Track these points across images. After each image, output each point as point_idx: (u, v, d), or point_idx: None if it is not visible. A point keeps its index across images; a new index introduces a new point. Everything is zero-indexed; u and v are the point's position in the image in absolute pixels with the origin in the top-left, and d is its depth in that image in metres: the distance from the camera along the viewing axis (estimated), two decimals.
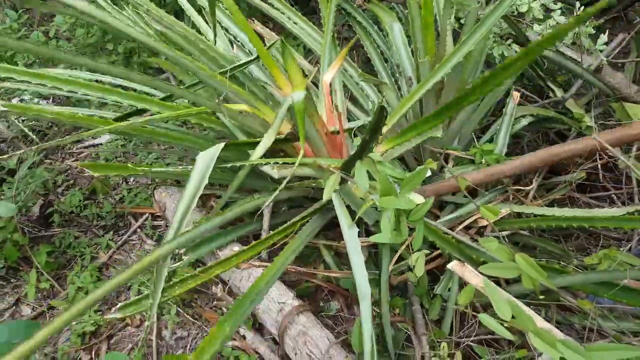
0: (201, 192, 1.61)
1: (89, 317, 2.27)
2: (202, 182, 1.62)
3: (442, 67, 1.93)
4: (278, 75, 1.98)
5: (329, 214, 2.07)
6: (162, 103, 2.05)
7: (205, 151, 1.67)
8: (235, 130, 2.12)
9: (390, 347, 1.84)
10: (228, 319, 1.51)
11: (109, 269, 2.57)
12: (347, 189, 1.89)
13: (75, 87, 1.96)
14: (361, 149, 1.51)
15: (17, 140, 3.32)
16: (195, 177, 1.62)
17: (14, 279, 2.55)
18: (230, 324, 1.50)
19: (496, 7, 1.94)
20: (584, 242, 2.29)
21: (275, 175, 1.89)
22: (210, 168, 1.63)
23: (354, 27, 2.72)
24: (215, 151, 1.67)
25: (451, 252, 1.84)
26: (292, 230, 2.01)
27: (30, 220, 2.71)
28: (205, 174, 1.62)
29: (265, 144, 1.79)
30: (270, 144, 1.79)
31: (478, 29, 1.86)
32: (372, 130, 1.48)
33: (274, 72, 1.96)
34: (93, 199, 2.91)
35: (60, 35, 3.66)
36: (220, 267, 1.91)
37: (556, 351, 1.06)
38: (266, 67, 2.03)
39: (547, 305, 1.88)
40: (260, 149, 1.79)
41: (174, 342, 2.19)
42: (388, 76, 2.58)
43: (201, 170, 1.63)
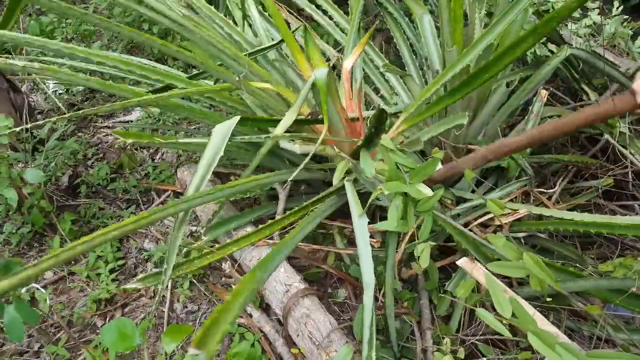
0: (216, 163, 1.62)
1: (105, 285, 2.34)
2: (218, 153, 1.63)
3: (468, 53, 1.90)
4: (300, 58, 1.99)
5: (344, 198, 2.08)
6: (187, 80, 2.09)
7: (222, 124, 1.69)
8: (256, 109, 2.14)
9: (393, 339, 1.84)
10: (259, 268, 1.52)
11: (129, 241, 2.64)
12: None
13: (109, 61, 1.98)
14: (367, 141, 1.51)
15: (52, 112, 3.44)
16: (210, 148, 1.64)
17: (38, 244, 2.65)
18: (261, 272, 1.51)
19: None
20: (605, 250, 2.23)
21: (297, 150, 1.90)
22: (226, 140, 1.64)
23: (385, 18, 2.69)
24: (231, 124, 1.69)
25: (467, 246, 1.82)
26: (305, 212, 2.02)
27: (59, 189, 2.81)
28: (220, 145, 1.64)
29: (286, 122, 1.79)
30: (292, 122, 1.79)
31: (504, 18, 1.81)
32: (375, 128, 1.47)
33: (296, 54, 1.97)
34: (120, 173, 2.99)
35: (99, 14, 3.76)
36: (236, 244, 1.95)
37: (555, 353, 1.04)
38: (289, 49, 2.04)
39: (558, 311, 1.84)
40: (281, 126, 1.79)
41: (184, 315, 2.25)
42: (416, 69, 2.55)
43: (216, 142, 1.65)
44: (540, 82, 2.31)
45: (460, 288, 1.31)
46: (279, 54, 2.41)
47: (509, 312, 1.21)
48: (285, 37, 1.95)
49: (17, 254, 2.63)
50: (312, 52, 1.91)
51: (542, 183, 2.42)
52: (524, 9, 1.87)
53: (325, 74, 1.64)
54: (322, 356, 1.66)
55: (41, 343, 2.21)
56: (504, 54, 1.56)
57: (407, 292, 2.04)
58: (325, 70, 1.63)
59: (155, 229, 2.69)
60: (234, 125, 1.66)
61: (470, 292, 1.88)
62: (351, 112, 2.11)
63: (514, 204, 2.02)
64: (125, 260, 2.54)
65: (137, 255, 2.58)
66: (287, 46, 2.03)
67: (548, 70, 2.29)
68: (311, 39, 1.86)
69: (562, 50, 2.26)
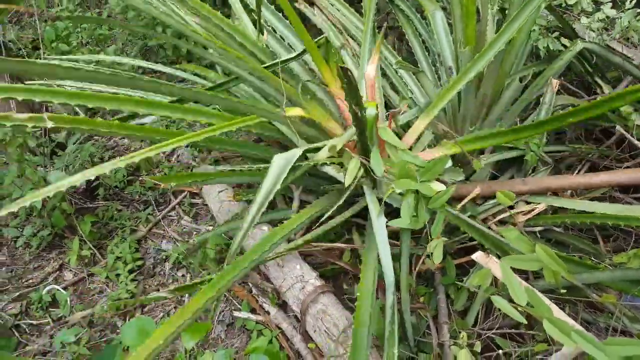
0: (273, 194, 1.60)
1: (125, 285, 2.38)
2: (276, 184, 1.61)
3: (481, 58, 1.91)
4: (326, 71, 1.99)
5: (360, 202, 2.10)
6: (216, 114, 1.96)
7: (281, 154, 1.66)
8: (292, 135, 2.12)
9: (409, 334, 1.85)
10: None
11: (147, 242, 2.69)
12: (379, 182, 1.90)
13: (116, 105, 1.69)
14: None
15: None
16: (269, 180, 1.61)
17: (58, 246, 2.70)
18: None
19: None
20: (622, 242, 2.21)
21: (340, 178, 1.88)
22: (286, 172, 1.61)
23: (396, 15, 2.70)
24: (292, 155, 1.66)
25: (488, 245, 1.82)
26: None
27: (77, 192, 2.87)
28: (279, 176, 1.61)
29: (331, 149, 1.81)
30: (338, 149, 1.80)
31: (519, 15, 1.82)
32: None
33: (322, 68, 1.97)
34: (136, 175, 3.04)
35: (114, 18, 3.81)
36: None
37: (571, 340, 1.05)
38: (314, 62, 2.02)
39: (574, 303, 1.84)
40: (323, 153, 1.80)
41: (202, 314, 2.27)
42: (428, 65, 2.56)
43: (276, 173, 1.62)
44: (553, 76, 2.30)
45: (474, 277, 1.32)
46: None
47: (525, 300, 1.22)
48: (309, 49, 1.92)
49: (37, 257, 2.69)
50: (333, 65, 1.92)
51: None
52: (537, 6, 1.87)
53: (374, 114, 1.63)
54: (339, 351, 1.68)
55: (63, 343, 2.26)
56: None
57: (423, 288, 2.05)
58: (374, 110, 1.63)
59: (173, 230, 2.72)
60: (295, 157, 1.63)
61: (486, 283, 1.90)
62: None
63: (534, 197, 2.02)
64: (143, 261, 2.58)
65: (155, 255, 2.62)
66: (311, 59, 2.00)
67: (561, 64, 2.28)
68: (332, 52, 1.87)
69: (575, 44, 2.25)
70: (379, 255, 1.65)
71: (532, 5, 1.80)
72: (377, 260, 1.77)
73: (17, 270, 2.64)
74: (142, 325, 1.66)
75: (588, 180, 1.95)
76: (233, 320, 2.22)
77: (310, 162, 1.78)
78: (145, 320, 1.69)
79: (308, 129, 2.07)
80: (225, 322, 2.22)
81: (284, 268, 1.97)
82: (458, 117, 2.27)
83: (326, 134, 2.10)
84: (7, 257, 2.70)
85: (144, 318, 1.70)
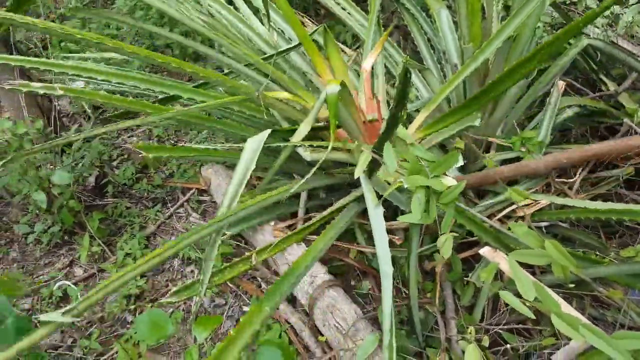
0: (249, 175, 1.68)
1: (134, 281, 2.41)
2: (251, 164, 1.68)
3: (485, 49, 1.93)
4: (319, 62, 2.02)
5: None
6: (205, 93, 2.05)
7: (253, 137, 1.75)
8: (280, 119, 2.18)
9: (417, 329, 1.87)
10: (267, 300, 1.54)
11: (156, 238, 2.71)
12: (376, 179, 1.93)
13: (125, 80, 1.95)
14: (391, 119, 1.54)
15: (77, 115, 3.53)
16: (243, 160, 1.70)
17: (68, 243, 2.73)
18: (269, 305, 1.53)
19: None
20: (628, 239, 2.23)
21: (307, 158, 1.94)
22: (258, 152, 1.70)
23: (402, 14, 2.72)
24: (262, 137, 1.75)
25: (488, 239, 1.84)
26: (330, 218, 2.10)
27: (86, 190, 2.90)
28: (253, 157, 1.70)
29: (302, 132, 1.85)
30: (307, 131, 1.84)
31: (522, 9, 1.84)
32: (400, 98, 1.49)
33: (315, 59, 2.00)
34: (144, 173, 3.07)
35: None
36: (268, 252, 2.01)
37: (578, 334, 1.07)
38: (308, 53, 2.07)
39: (581, 298, 1.86)
40: (297, 135, 1.85)
41: (211, 310, 2.30)
42: (434, 63, 2.58)
43: (249, 155, 1.71)
44: (558, 73, 2.32)
45: (482, 272, 1.33)
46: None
47: (532, 294, 1.24)
48: (302, 40, 1.98)
49: (48, 253, 2.72)
50: (332, 54, 1.95)
51: (563, 173, 2.43)
52: (541, 2, 1.89)
53: (337, 90, 1.65)
54: (348, 344, 1.70)
55: (74, 338, 2.29)
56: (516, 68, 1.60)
57: (430, 284, 2.07)
58: (336, 87, 1.65)
59: (181, 226, 2.75)
60: (265, 139, 1.70)
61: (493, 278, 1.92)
62: (371, 112, 2.14)
63: (536, 195, 2.03)
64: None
65: None
66: (305, 50, 2.05)
67: (566, 61, 2.30)
68: (331, 42, 1.90)
69: (580, 41, 2.27)
70: (376, 246, 1.65)
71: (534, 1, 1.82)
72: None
73: (28, 266, 2.67)
74: (154, 316, 1.68)
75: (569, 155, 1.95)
76: (242, 315, 2.25)
77: (286, 145, 1.83)
78: (159, 312, 1.71)
79: (300, 115, 2.12)
80: (235, 317, 2.25)
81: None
82: None
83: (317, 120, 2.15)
84: (18, 254, 2.73)
85: (156, 311, 1.72)
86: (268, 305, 1.51)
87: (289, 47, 2.19)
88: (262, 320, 1.44)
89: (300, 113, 2.12)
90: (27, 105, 2.92)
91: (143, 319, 1.68)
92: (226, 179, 2.59)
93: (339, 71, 2.13)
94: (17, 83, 1.46)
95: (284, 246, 2.02)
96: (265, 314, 1.47)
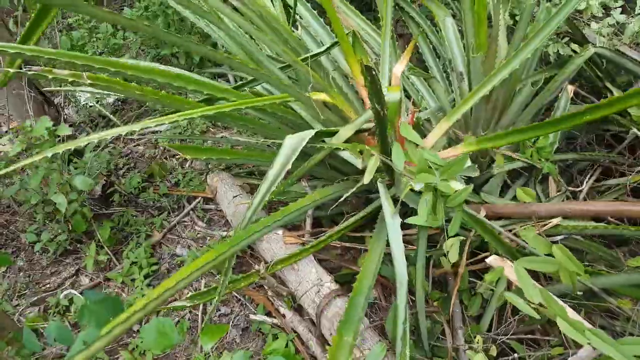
0: (284, 173, 1.62)
1: (140, 290, 2.41)
2: (287, 164, 1.59)
3: (496, 75, 1.94)
4: (354, 64, 2.02)
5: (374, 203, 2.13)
6: (238, 93, 2.03)
7: (293, 135, 1.64)
8: (312, 121, 2.16)
9: (424, 338, 1.86)
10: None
11: (162, 247, 2.72)
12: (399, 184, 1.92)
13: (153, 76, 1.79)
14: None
15: (84, 124, 3.55)
16: (280, 159, 1.60)
17: (75, 252, 2.74)
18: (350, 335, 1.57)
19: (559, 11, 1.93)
20: (635, 247, 2.21)
21: (359, 165, 1.92)
22: (297, 152, 1.60)
23: (407, 22, 2.74)
24: (305, 136, 1.64)
25: (498, 248, 1.83)
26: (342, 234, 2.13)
27: (93, 199, 2.90)
28: (290, 157, 1.60)
29: (343, 135, 1.83)
30: (349, 135, 1.82)
31: (537, 36, 1.86)
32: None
33: (351, 61, 1.99)
34: (150, 182, 3.07)
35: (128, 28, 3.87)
36: (282, 263, 2.03)
37: (584, 337, 1.06)
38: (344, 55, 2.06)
39: (590, 310, 1.84)
40: (338, 138, 1.82)
41: (217, 319, 2.30)
42: (439, 71, 2.59)
43: (287, 153, 1.61)
44: (564, 81, 2.32)
45: (488, 275, 1.33)
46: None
47: (537, 296, 1.23)
48: (340, 40, 1.95)
49: (54, 262, 2.73)
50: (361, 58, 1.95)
51: (569, 182, 2.42)
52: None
53: (398, 98, 1.61)
54: (355, 354, 1.69)
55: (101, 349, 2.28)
56: None
57: (437, 292, 2.06)
58: (397, 94, 1.60)
59: (187, 235, 2.76)
60: (307, 138, 1.61)
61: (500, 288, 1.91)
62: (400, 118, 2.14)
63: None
64: (158, 266, 2.61)
65: (170, 260, 2.65)
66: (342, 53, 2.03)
67: (572, 69, 2.30)
68: (359, 46, 1.90)
69: (586, 50, 2.27)
70: (393, 254, 1.67)
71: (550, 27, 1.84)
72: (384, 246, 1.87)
73: (34, 275, 2.68)
74: (161, 325, 1.68)
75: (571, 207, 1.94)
76: (248, 325, 2.25)
77: (325, 146, 1.80)
78: (164, 321, 1.71)
79: (331, 115, 2.12)
80: (240, 326, 2.25)
81: (299, 272, 2.00)
82: (470, 122, 2.29)
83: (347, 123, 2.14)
84: (24, 262, 2.74)
85: (162, 319, 1.71)
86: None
87: (328, 46, 2.15)
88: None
89: (335, 116, 2.12)
90: (35, 115, 2.94)
91: (150, 328, 1.68)
92: (232, 187, 2.59)
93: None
94: (40, 69, 1.43)
95: (299, 258, 2.04)
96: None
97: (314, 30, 2.50)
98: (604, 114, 1.51)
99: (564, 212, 1.89)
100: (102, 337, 1.35)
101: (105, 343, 1.35)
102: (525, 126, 1.77)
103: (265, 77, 1.93)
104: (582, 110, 1.54)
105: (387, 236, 1.77)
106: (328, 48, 2.12)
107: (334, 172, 2.34)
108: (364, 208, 2.19)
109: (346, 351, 1.50)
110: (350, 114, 2.11)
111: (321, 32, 2.50)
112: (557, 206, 1.91)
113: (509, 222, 2.04)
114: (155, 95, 1.75)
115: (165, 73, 1.78)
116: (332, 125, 2.10)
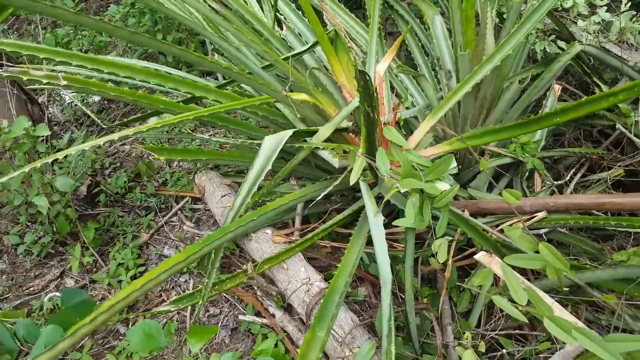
0: (264, 175, 1.62)
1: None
2: (266, 166, 1.63)
3: (481, 68, 1.95)
4: (335, 63, 2.01)
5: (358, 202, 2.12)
6: (219, 91, 2.03)
7: (272, 135, 1.68)
8: (295, 120, 2.16)
9: (414, 335, 1.86)
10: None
11: (149, 248, 2.68)
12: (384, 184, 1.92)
13: (133, 73, 1.80)
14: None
15: (69, 123, 3.50)
16: (260, 160, 1.63)
17: (59, 254, 2.69)
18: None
19: (540, 4, 1.94)
20: (622, 241, 2.23)
21: (336, 164, 1.92)
22: (277, 151, 1.63)
23: (396, 20, 2.73)
24: (283, 136, 1.68)
25: (487, 248, 1.84)
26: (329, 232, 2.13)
27: (78, 199, 2.86)
28: (270, 157, 1.64)
29: (322, 134, 1.84)
30: (328, 134, 1.83)
31: (521, 28, 1.86)
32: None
33: (332, 60, 1.99)
34: (137, 181, 3.04)
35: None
36: (269, 262, 2.01)
37: (571, 337, 1.06)
38: (325, 55, 2.06)
39: (576, 303, 1.85)
40: (318, 137, 1.83)
41: (206, 319, 2.28)
42: (428, 69, 2.59)
43: (267, 154, 1.65)
44: (551, 78, 2.33)
45: (476, 277, 1.33)
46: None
47: (525, 299, 1.23)
48: (320, 40, 1.95)
49: (38, 264, 2.68)
50: (342, 57, 1.94)
51: (557, 178, 2.44)
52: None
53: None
54: (345, 352, 1.68)
55: (66, 350, 2.25)
56: None
57: (427, 289, 2.06)
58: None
59: (175, 236, 2.73)
60: (286, 138, 1.65)
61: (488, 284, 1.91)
62: (383, 115, 2.14)
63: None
64: (146, 267, 2.58)
65: (157, 261, 2.62)
66: (323, 51, 2.03)
67: (559, 66, 2.31)
68: (342, 45, 1.89)
69: (572, 47, 2.28)
70: (376, 254, 1.68)
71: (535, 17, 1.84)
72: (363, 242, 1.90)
73: (17, 278, 2.63)
74: (147, 328, 1.66)
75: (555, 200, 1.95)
76: (237, 325, 2.23)
77: (305, 146, 1.81)
78: (151, 323, 1.69)
79: (315, 116, 2.11)
80: (230, 326, 2.23)
81: (288, 271, 1.98)
82: (458, 119, 2.29)
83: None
84: (7, 265, 2.69)
85: (149, 322, 1.69)
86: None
87: (309, 46, 2.16)
88: None
89: (316, 115, 2.11)
90: (18, 114, 2.89)
91: (136, 330, 1.66)
92: (220, 186, 2.57)
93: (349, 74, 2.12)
94: (16, 70, 1.41)
95: (287, 256, 2.02)
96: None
97: (299, 30, 2.49)
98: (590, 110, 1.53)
99: (547, 206, 1.90)
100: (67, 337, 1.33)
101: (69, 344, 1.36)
102: (512, 123, 1.77)
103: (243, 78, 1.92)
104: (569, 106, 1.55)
105: (367, 235, 1.77)
106: (309, 48, 2.12)
107: (319, 171, 2.33)
108: (351, 205, 2.19)
109: (318, 346, 1.47)
110: (333, 112, 2.11)
111: (306, 32, 2.49)
112: (540, 200, 1.93)
113: (495, 217, 2.06)
114: (131, 96, 1.73)
115: (144, 71, 1.78)
116: (315, 124, 2.09)
